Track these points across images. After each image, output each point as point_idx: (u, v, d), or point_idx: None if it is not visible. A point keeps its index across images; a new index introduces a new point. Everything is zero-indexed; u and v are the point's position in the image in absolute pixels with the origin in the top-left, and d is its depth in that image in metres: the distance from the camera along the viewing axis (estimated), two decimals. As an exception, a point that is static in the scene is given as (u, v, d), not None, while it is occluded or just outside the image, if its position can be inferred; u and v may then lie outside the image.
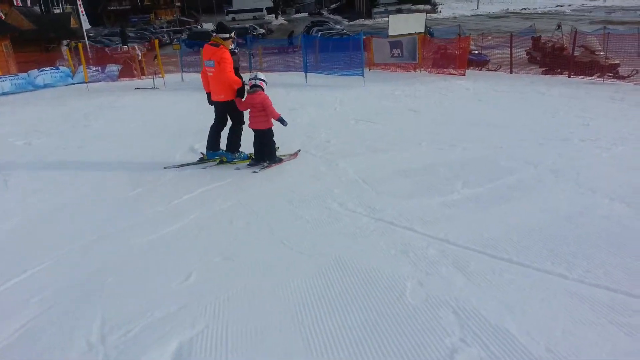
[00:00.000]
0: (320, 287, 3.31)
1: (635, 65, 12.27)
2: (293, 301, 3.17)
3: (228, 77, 6.05)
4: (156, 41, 16.91)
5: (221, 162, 6.56)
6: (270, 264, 3.69)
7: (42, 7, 34.25)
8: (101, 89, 16.18)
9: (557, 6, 59.44)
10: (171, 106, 12.01)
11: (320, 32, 38.81)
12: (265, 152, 6.39)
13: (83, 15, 26.09)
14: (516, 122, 8.08)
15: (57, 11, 31.99)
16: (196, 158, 6.88)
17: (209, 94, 6.47)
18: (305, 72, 15.75)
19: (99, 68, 18.18)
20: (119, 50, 20.90)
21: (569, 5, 60.00)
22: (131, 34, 50.26)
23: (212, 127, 6.58)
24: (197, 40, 38.27)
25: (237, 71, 6.49)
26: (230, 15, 78.91)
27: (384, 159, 6.45)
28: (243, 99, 6.34)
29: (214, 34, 6.31)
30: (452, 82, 13.31)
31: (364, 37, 20.85)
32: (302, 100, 11.86)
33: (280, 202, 5.03)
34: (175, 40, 25.68)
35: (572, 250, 3.64)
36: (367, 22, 58.68)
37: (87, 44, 25.16)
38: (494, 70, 15.53)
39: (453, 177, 5.52)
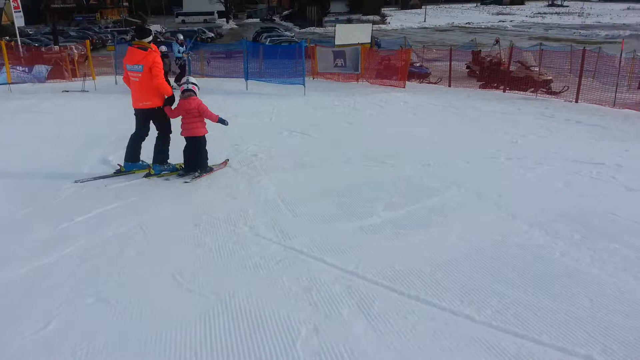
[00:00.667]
0: (200, 337, 2.87)
1: (567, 81, 12.63)
2: (165, 356, 2.72)
3: (160, 84, 5.61)
4: (87, 42, 15.90)
5: (149, 175, 6.03)
6: (151, 306, 3.22)
7: (-31, 1, 31.89)
8: (26, 90, 15.02)
9: (500, 22, 61.89)
10: (96, 111, 11.21)
11: (269, 39, 38.49)
12: (198, 161, 6.02)
13: (18, 11, 24.45)
14: (447, 138, 7.96)
15: (-14, 6, 29.79)
16: (111, 170, 6.29)
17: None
18: (246, 79, 15.27)
19: (26, 68, 16.93)
20: (51, 49, 19.57)
21: (511, 21, 62.64)
22: (72, 33, 48.01)
23: (132, 136, 6.08)
24: (142, 42, 37.20)
25: (166, 75, 6.08)
26: (180, 18, 77.19)
27: (309, 176, 6.10)
28: (173, 107, 5.91)
29: (135, 38, 5.84)
30: (392, 95, 13.23)
31: (310, 45, 20.70)
32: (237, 109, 11.37)
33: (186, 226, 4.55)
34: (110, 42, 24.49)
35: (484, 286, 3.39)
36: (318, 30, 58.82)
37: (19, 42, 23.62)
38: (435, 83, 15.63)
39: (376, 198, 5.24)
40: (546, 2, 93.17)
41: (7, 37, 25.08)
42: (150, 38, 5.78)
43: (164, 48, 13.93)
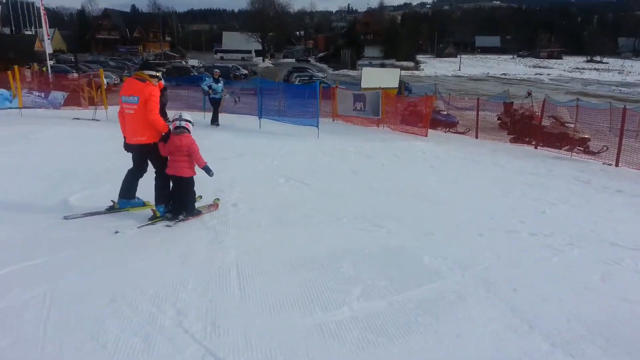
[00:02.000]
0: None
1: (606, 141, 11.34)
2: None
3: (154, 119, 5.13)
4: (101, 70, 15.63)
5: (154, 218, 5.32)
6: None
7: (13, 28, 33.11)
8: (35, 115, 14.72)
9: (536, 74, 60.78)
10: (96, 141, 10.57)
11: (299, 78, 38.44)
12: (184, 203, 5.44)
13: (48, 38, 25.01)
14: (462, 199, 6.83)
15: (28, 33, 30.83)
16: (78, 211, 5.51)
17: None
18: (260, 117, 14.59)
19: (42, 94, 16.77)
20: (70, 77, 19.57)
21: (548, 74, 61.43)
22: (112, 63, 49.70)
23: (129, 172, 5.56)
24: (175, 76, 37.64)
25: (163, 107, 5.47)
26: (219, 55, 79.27)
27: (283, 239, 5.06)
28: (165, 143, 5.30)
29: (141, 70, 5.38)
30: (411, 143, 12.21)
31: (333, 86, 20.08)
32: (242, 149, 10.57)
33: (99, 301, 3.52)
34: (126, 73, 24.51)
35: None
36: (351, 72, 59.07)
37: (49, 68, 23.97)
38: (462, 133, 14.56)
39: (355, 277, 4.14)
40: (585, 57, 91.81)
41: (36, 63, 25.55)
42: (154, 73, 5.32)
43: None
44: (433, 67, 73.22)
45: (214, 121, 14.34)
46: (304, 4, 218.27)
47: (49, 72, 23.34)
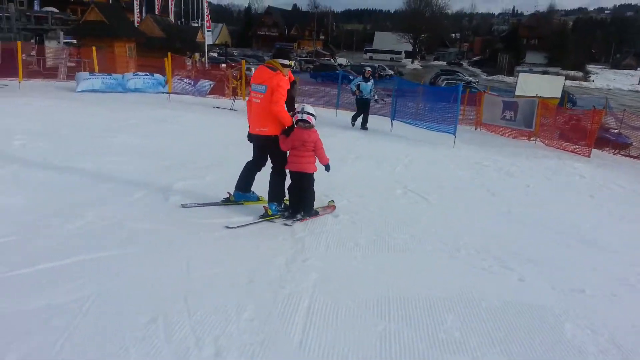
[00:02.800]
0: None
1: None
2: None
3: (278, 111, 4.83)
4: (243, 62, 16.04)
5: (265, 216, 5.04)
6: None
7: (183, 19, 36.60)
8: (182, 101, 15.67)
9: None
10: (222, 130, 10.67)
11: (446, 81, 36.38)
12: (305, 201, 5.15)
13: (209, 30, 26.99)
14: (631, 248, 5.14)
15: (194, 24, 33.82)
16: (194, 199, 5.38)
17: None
18: (392, 119, 13.63)
19: (192, 81, 17.89)
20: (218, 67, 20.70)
21: None
22: (266, 58, 52.90)
23: (248, 164, 5.34)
24: (321, 72, 38.37)
25: (292, 100, 5.18)
26: (369, 54, 79.57)
27: (381, 266, 4.10)
28: (287, 136, 4.99)
29: (274, 58, 5.05)
30: (567, 163, 10.21)
31: (481, 91, 18.23)
32: (365, 151, 9.79)
33: (136, 321, 2.92)
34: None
35: None
36: (507, 79, 54.76)
37: (206, 59, 25.89)
38: (636, 157, 11.96)
39: (460, 341, 3.03)
40: None
41: (198, 53, 27.71)
42: (287, 62, 4.97)
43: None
44: (606, 78, 64.55)
45: (363, 125, 13.01)
46: (464, 4, 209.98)
47: (206, 62, 25.19)
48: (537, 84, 18.17)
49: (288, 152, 5.07)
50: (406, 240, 4.83)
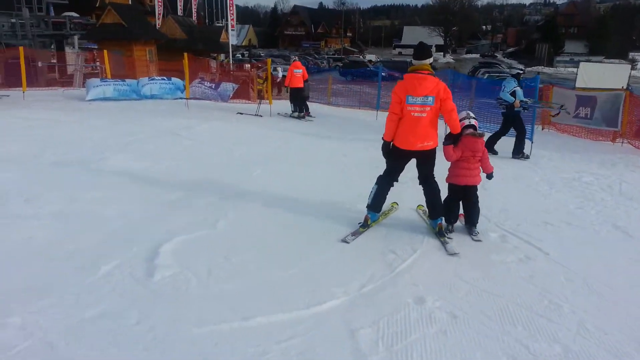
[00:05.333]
0: None
1: None
2: None
3: (456, 119, 4.57)
4: (269, 60, 14.08)
5: (366, 225, 4.74)
6: None
7: (207, 20, 35.10)
8: (201, 106, 13.87)
9: None
10: (244, 147, 8.70)
11: (487, 74, 33.65)
12: (476, 214, 4.79)
13: (233, 30, 25.26)
14: None
15: (218, 25, 32.25)
16: None
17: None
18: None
19: (213, 85, 16.07)
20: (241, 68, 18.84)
21: None
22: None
23: (383, 181, 4.82)
24: (351, 69, 36.21)
25: (304, 100, 4.41)
26: (398, 50, 77.18)
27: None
28: (455, 145, 4.66)
29: (412, 60, 4.49)
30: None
31: (544, 85, 15.72)
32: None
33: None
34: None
35: None
36: (547, 70, 51.45)
37: (230, 60, 24.14)
38: None
39: None
40: None
41: (223, 54, 26.02)
42: (432, 60, 4.56)
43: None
44: (655, 65, 60.10)
45: (519, 150, 9.12)
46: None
47: (231, 62, 23.43)
48: (599, 75, 15.81)
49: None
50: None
